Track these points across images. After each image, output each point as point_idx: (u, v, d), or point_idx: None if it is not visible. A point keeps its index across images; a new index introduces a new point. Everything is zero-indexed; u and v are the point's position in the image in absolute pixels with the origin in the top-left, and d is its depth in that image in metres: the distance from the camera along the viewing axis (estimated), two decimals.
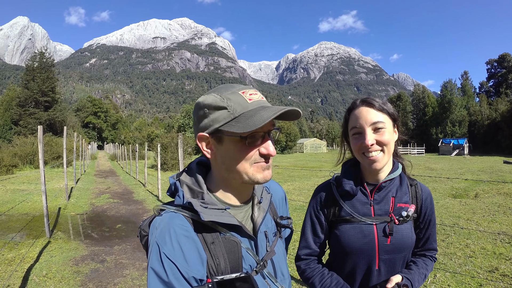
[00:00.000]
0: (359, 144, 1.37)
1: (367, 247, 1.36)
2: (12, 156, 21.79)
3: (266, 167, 0.99)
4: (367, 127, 1.35)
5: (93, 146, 52.86)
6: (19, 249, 5.86)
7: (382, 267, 1.37)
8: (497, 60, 73.19)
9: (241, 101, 0.94)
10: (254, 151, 0.96)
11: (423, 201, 1.46)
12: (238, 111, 0.93)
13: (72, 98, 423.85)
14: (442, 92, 67.01)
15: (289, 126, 64.10)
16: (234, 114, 0.93)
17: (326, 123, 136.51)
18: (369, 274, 1.38)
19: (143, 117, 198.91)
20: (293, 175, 18.84)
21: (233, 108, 0.93)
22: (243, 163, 0.96)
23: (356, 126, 1.38)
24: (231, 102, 0.94)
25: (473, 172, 19.10)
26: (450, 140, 53.61)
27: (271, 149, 0.97)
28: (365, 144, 1.33)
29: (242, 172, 0.97)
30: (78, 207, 9.90)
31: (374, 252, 1.36)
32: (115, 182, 16.82)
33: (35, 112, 48.66)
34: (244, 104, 0.94)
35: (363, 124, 1.35)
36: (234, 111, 0.93)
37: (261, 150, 0.96)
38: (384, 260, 1.37)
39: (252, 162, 0.96)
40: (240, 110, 0.93)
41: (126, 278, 4.72)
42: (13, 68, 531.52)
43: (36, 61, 51.39)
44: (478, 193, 11.37)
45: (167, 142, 24.48)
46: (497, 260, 5.12)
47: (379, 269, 1.38)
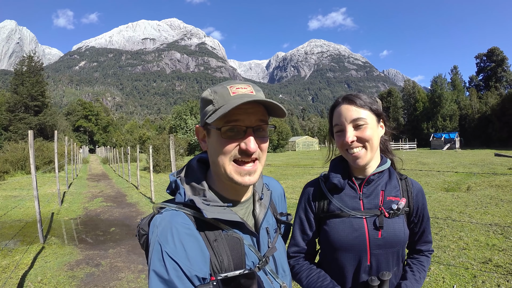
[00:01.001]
0: (341, 141, 1.37)
1: (357, 241, 1.34)
2: (3, 162, 21.44)
3: (246, 173, 0.97)
4: (347, 124, 1.35)
5: (84, 150, 52.39)
6: (13, 256, 5.80)
7: (374, 262, 1.34)
8: (486, 54, 73.75)
9: (225, 94, 0.95)
10: (233, 146, 0.95)
11: (414, 195, 1.44)
12: (219, 104, 0.94)
13: (62, 102, 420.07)
14: (432, 87, 67.41)
15: (281, 124, 64.08)
16: (216, 106, 0.94)
17: (318, 120, 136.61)
18: (360, 270, 1.35)
19: (134, 119, 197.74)
20: (285, 173, 18.86)
21: (216, 100, 0.95)
22: (222, 157, 0.96)
23: (338, 124, 1.39)
24: (216, 95, 0.96)
25: (464, 166, 19.29)
26: (441, 134, 54.05)
27: (250, 145, 0.94)
28: (345, 141, 1.34)
29: (221, 167, 0.97)
30: (71, 211, 9.81)
31: (365, 247, 1.34)
32: (108, 186, 16.70)
33: (25, 117, 48.23)
34: (227, 97, 0.95)
35: (344, 121, 1.36)
36: (217, 103, 0.95)
37: (241, 145, 0.95)
38: (376, 255, 1.34)
39: (231, 158, 0.95)
40: (221, 102, 0.94)
41: (121, 281, 4.70)
42: (2, 73, 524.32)
43: (24, 65, 50.96)
44: (470, 186, 11.48)
45: (159, 144, 24.35)
46: (490, 252, 5.18)
47: (371, 265, 1.34)
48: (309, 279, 1.39)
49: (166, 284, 0.84)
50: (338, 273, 1.39)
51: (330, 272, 1.40)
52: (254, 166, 0.97)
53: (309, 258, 1.52)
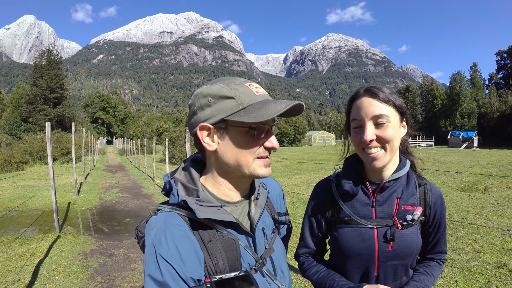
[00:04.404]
0: (358, 138, 1.25)
1: (366, 251, 1.27)
2: (22, 152, 22.03)
3: (267, 164, 0.98)
4: (368, 120, 1.21)
5: (102, 141, 53.20)
6: (29, 244, 5.95)
7: (382, 273, 1.28)
8: (507, 51, 71.80)
9: (249, 93, 0.94)
10: (260, 144, 0.96)
11: (432, 203, 1.32)
12: (246, 102, 0.92)
13: (81, 94, 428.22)
14: (451, 84, 66.08)
15: (298, 119, 63.88)
16: (243, 104, 0.92)
17: (335, 115, 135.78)
18: (367, 279, 1.29)
19: (152, 111, 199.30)
20: (301, 168, 18.80)
21: (241, 98, 0.92)
22: (247, 155, 0.95)
23: (356, 118, 1.25)
24: (239, 93, 0.93)
25: (482, 166, 18.88)
26: (459, 132, 52.94)
27: (275, 142, 0.97)
28: (363, 139, 1.20)
29: (244, 165, 0.95)
30: (87, 201, 10.01)
31: (374, 258, 1.27)
32: (124, 177, 16.93)
33: (44, 109, 49.28)
34: (252, 95, 0.94)
35: (364, 116, 1.22)
36: (243, 101, 0.92)
37: (266, 143, 0.96)
38: (384, 266, 1.27)
39: (256, 155, 0.96)
40: (248, 101, 0.92)
41: (134, 272, 4.77)
42: (22, 66, 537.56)
43: (44, 59, 51.96)
44: (487, 187, 11.23)
45: (175, 136, 24.54)
46: (506, 256, 5.06)
47: (378, 276, 1.28)
48: (319, 274, 1.37)
49: (161, 286, 0.83)
50: (345, 277, 1.35)
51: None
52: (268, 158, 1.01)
53: (318, 257, 1.50)
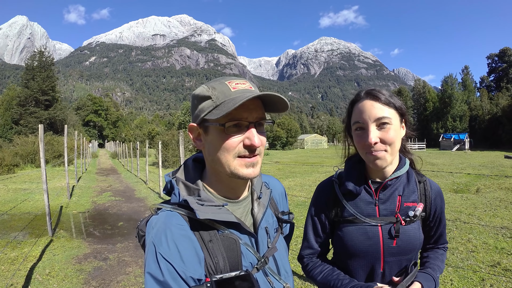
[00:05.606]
0: (362, 142, 1.27)
1: (371, 249, 1.29)
2: (13, 155, 21.75)
3: (250, 164, 0.95)
4: (371, 123, 1.24)
5: (94, 144, 52.84)
6: (21, 248, 5.88)
7: (387, 269, 1.31)
8: (498, 54, 73.02)
9: (225, 90, 0.93)
10: (237, 142, 0.93)
11: (432, 199, 1.37)
12: (220, 99, 0.92)
13: (72, 97, 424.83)
14: (443, 87, 66.88)
15: (290, 122, 64.16)
16: (216, 102, 0.92)
17: (327, 118, 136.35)
18: (373, 276, 1.32)
19: (144, 114, 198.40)
20: (294, 171, 18.86)
21: (216, 96, 0.93)
22: (225, 154, 0.93)
23: (359, 121, 1.28)
24: (216, 91, 0.93)
25: (474, 167, 19.08)
26: (451, 135, 53.58)
27: (255, 140, 0.92)
28: (368, 142, 1.23)
29: (225, 164, 0.94)
30: (80, 205, 9.92)
31: (379, 255, 1.30)
32: (117, 180, 16.84)
33: (35, 111, 48.62)
34: (227, 92, 0.93)
35: (367, 119, 1.25)
36: (217, 99, 0.92)
37: (245, 141, 0.93)
38: (390, 262, 1.30)
39: (235, 154, 0.93)
40: (222, 98, 0.92)
41: (129, 276, 4.74)
42: (13, 68, 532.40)
43: (35, 60, 51.25)
44: (479, 188, 11.36)
45: (168, 140, 24.47)
46: (499, 255, 5.13)
47: (384, 272, 1.31)
48: (324, 274, 1.37)
49: (161, 285, 0.83)
50: (350, 276, 1.35)
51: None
52: (255, 158, 0.96)
53: (322, 257, 1.50)
